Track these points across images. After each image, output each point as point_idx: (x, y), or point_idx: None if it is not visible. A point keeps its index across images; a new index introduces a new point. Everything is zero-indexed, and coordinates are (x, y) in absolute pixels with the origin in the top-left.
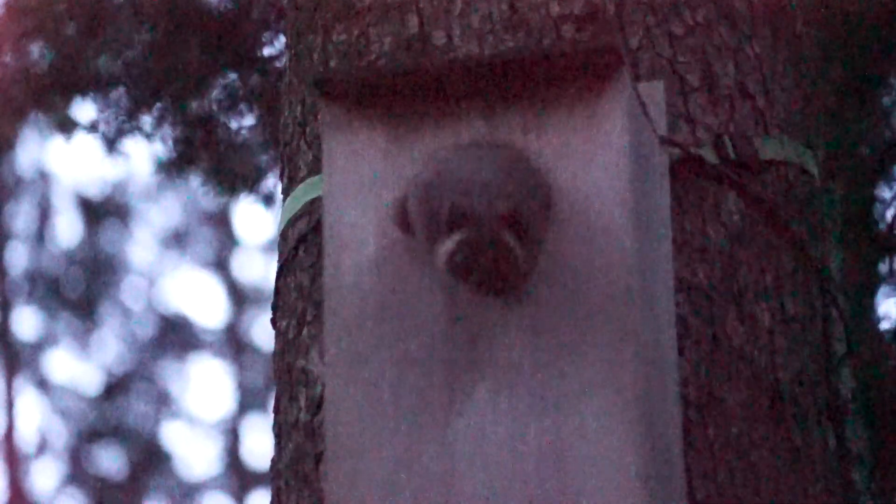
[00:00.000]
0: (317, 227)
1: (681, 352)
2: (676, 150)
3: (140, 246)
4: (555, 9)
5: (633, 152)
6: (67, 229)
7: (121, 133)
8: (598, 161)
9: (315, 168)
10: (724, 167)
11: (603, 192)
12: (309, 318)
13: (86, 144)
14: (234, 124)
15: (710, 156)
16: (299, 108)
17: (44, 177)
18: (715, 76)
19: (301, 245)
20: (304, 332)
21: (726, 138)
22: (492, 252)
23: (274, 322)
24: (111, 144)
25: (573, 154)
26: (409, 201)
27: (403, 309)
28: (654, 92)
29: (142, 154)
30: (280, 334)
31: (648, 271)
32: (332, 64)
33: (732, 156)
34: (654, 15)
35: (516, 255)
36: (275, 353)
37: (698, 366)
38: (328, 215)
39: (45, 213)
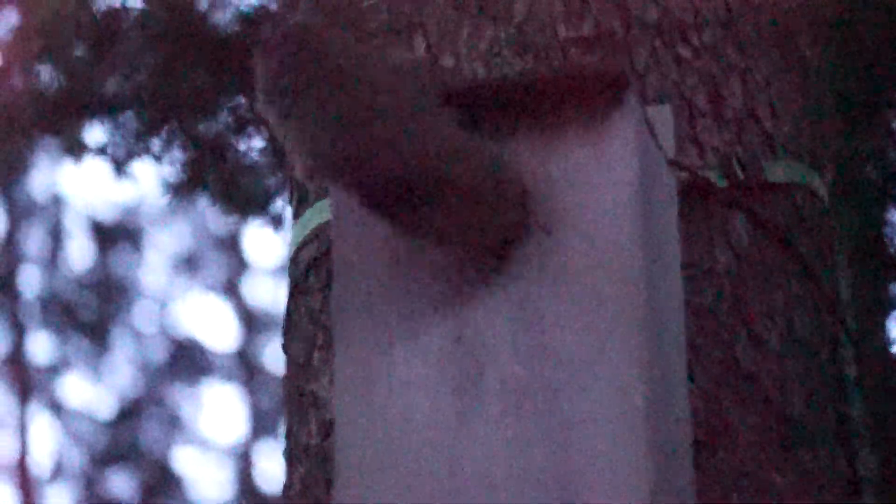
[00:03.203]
0: (327, 251)
1: (689, 375)
2: (685, 173)
3: (151, 270)
4: (562, 31)
5: (642, 175)
6: (79, 253)
7: (130, 156)
8: (607, 184)
9: (324, 191)
10: (732, 190)
11: (611, 215)
12: (320, 342)
13: (96, 168)
14: (242, 147)
15: (717, 179)
16: None
17: (56, 200)
18: (722, 99)
19: (311, 269)
20: (315, 356)
21: (734, 161)
22: None
23: (285, 347)
24: (120, 167)
25: (581, 177)
26: None
27: (412, 332)
28: (663, 115)
29: (151, 177)
30: (291, 359)
31: (657, 295)
32: None
33: (740, 178)
34: (661, 38)
35: None
36: (285, 378)
37: (707, 390)
38: (337, 239)
39: (57, 237)
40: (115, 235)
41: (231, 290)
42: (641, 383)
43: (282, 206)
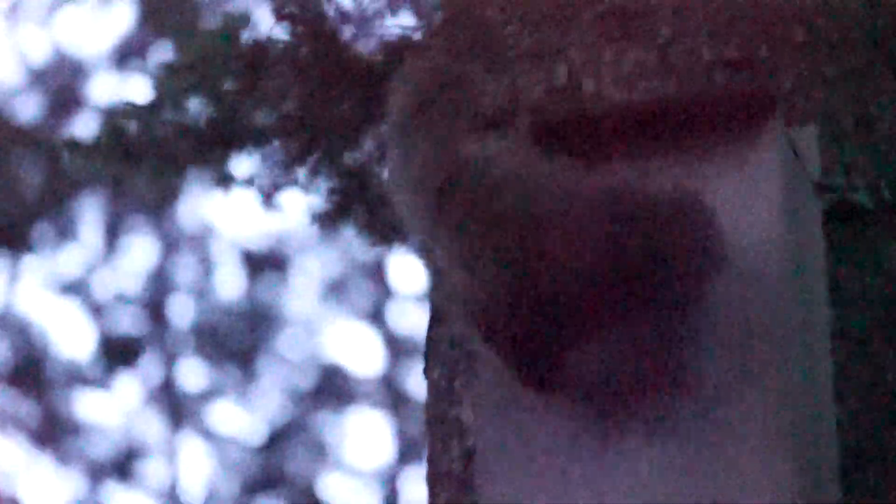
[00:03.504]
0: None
1: (839, 398)
2: (831, 195)
3: (298, 297)
4: (706, 54)
5: (787, 198)
6: (229, 282)
7: (277, 186)
8: (752, 207)
9: None
10: (880, 212)
11: (757, 238)
12: (461, 367)
13: (244, 198)
14: (386, 175)
15: (865, 200)
16: None
17: (205, 230)
18: (870, 120)
19: (453, 295)
20: (457, 381)
21: (882, 182)
22: None
23: (426, 372)
24: (268, 197)
25: (726, 200)
26: None
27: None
28: (808, 136)
29: (298, 206)
30: (432, 384)
31: (805, 318)
32: None
33: (889, 200)
34: (807, 59)
35: None
36: (427, 404)
37: (857, 413)
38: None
39: (207, 266)
40: (263, 264)
41: (377, 316)
42: (788, 408)
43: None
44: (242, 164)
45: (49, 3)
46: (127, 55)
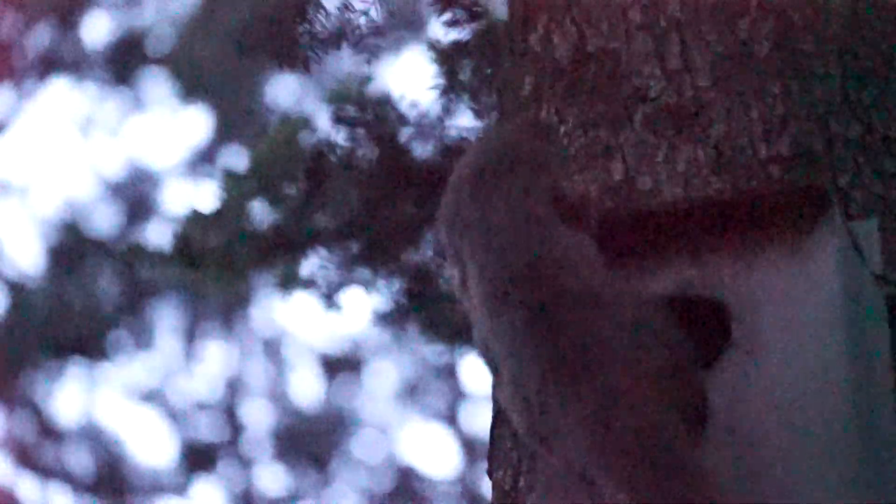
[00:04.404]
0: None
1: None
2: (894, 289)
3: (372, 399)
4: (762, 150)
5: (847, 292)
6: (303, 385)
7: (339, 288)
8: (811, 301)
9: None
10: None
11: (815, 332)
12: (524, 468)
13: (309, 301)
14: (447, 276)
15: None
16: None
17: (276, 333)
18: None
19: None
20: (521, 482)
21: None
22: None
23: (490, 473)
24: (330, 300)
25: (784, 294)
26: None
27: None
28: (868, 230)
29: (362, 308)
30: (496, 485)
31: (868, 414)
32: None
33: None
34: (864, 153)
35: None
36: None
37: None
38: None
39: (280, 370)
40: (337, 367)
41: (451, 417)
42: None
43: None
44: (304, 267)
45: (120, 114)
46: (196, 162)
